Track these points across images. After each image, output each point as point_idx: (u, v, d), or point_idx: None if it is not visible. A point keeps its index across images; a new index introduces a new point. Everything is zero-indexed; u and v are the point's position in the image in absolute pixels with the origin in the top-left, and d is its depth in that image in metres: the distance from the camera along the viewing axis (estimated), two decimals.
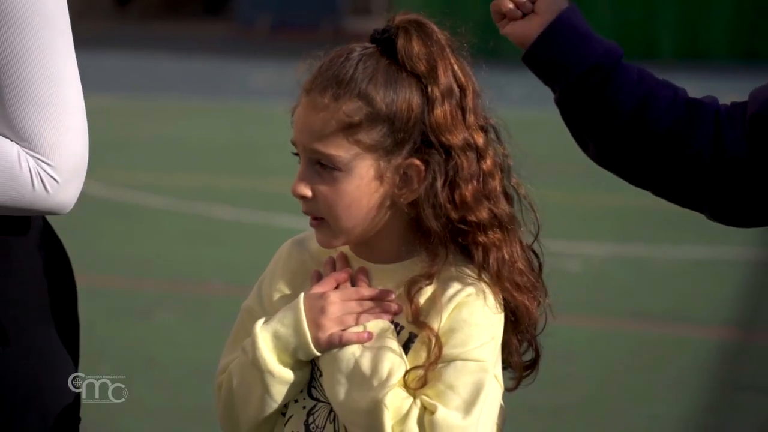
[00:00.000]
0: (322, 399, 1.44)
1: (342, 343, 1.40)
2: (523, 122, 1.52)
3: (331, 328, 1.40)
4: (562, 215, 6.24)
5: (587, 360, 4.25)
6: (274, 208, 7.08)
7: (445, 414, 1.36)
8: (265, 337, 1.41)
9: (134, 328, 4.76)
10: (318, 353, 1.41)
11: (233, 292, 5.25)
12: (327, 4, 21.60)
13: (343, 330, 1.41)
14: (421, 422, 1.36)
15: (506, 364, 1.47)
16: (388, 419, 1.36)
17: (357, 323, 1.41)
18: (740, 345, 4.73)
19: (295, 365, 1.42)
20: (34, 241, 1.58)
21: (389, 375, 1.37)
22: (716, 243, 6.15)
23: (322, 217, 1.43)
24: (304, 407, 1.45)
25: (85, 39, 1.65)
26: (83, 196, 1.70)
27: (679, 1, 16.63)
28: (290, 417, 1.46)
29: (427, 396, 1.38)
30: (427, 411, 1.37)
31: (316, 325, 1.41)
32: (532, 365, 1.48)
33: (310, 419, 1.45)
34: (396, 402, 1.37)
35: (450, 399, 1.37)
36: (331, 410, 1.43)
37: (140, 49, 18.74)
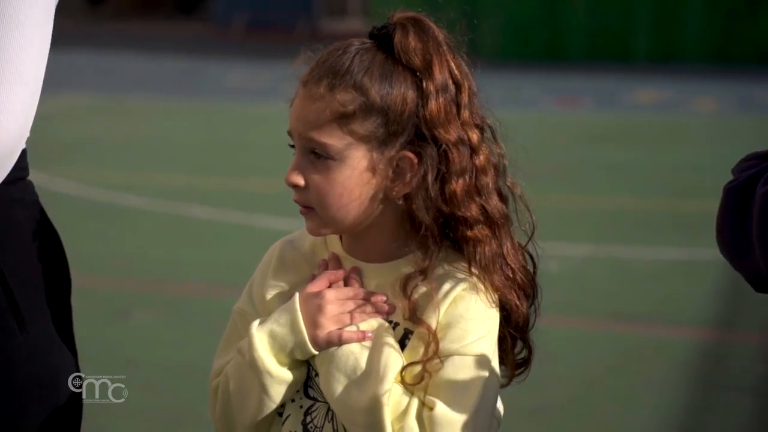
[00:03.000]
0: (320, 398, 1.44)
1: (342, 342, 1.40)
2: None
3: (328, 326, 1.40)
4: (539, 216, 6.25)
5: (567, 361, 4.26)
6: (251, 207, 7.07)
7: (444, 409, 1.36)
8: (261, 338, 1.41)
9: (113, 329, 4.72)
10: (315, 352, 1.41)
11: (213, 292, 5.24)
12: (303, 4, 21.58)
13: (340, 329, 1.40)
14: (420, 418, 1.36)
15: (500, 361, 1.46)
16: (388, 416, 1.36)
17: (353, 322, 1.41)
18: (719, 345, 4.76)
19: (293, 365, 1.42)
20: (41, 229, 1.59)
21: (387, 372, 1.37)
22: (693, 244, 6.19)
23: (312, 207, 1.43)
24: (301, 407, 1.45)
25: (57, 38, 1.66)
26: (59, 196, 1.69)
27: (653, 4, 16.74)
28: (287, 417, 1.46)
29: (425, 392, 1.37)
30: (425, 407, 1.37)
31: (313, 323, 1.40)
32: (525, 363, 1.49)
33: (308, 418, 1.44)
34: (394, 398, 1.37)
35: (448, 394, 1.37)
36: (329, 409, 1.43)
37: (113, 48, 18.64)
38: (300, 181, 1.41)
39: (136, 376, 4.17)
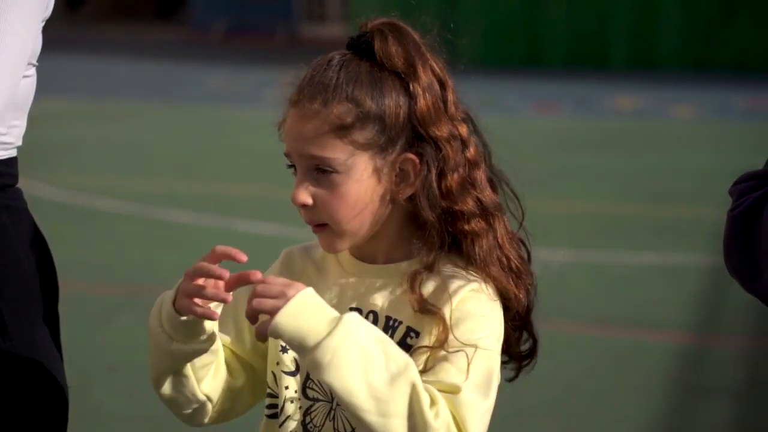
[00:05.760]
0: (320, 398, 1.45)
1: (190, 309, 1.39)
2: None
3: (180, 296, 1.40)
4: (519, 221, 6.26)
5: (548, 364, 4.25)
6: (230, 211, 7.06)
7: (468, 394, 1.35)
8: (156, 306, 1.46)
9: (94, 334, 4.71)
10: (175, 311, 1.41)
11: None
12: (282, 9, 21.58)
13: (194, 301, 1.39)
14: (449, 402, 1.34)
15: (507, 355, 1.48)
16: (426, 401, 1.32)
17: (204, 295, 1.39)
18: (698, 349, 4.80)
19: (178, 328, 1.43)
20: (30, 237, 1.58)
21: (406, 359, 1.34)
22: (671, 249, 6.23)
23: (324, 223, 1.44)
24: (300, 407, 1.46)
25: None
26: (38, 200, 1.69)
27: (631, 11, 16.83)
28: (287, 418, 1.46)
29: (442, 380, 1.36)
30: (448, 393, 1.35)
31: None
32: (531, 353, 1.50)
33: (307, 419, 1.45)
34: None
35: (467, 382, 1.36)
36: (330, 409, 1.44)
37: (92, 52, 18.57)
38: (308, 199, 1.42)
39: (118, 381, 4.16)
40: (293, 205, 1.45)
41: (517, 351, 1.49)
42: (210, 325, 1.43)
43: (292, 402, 1.46)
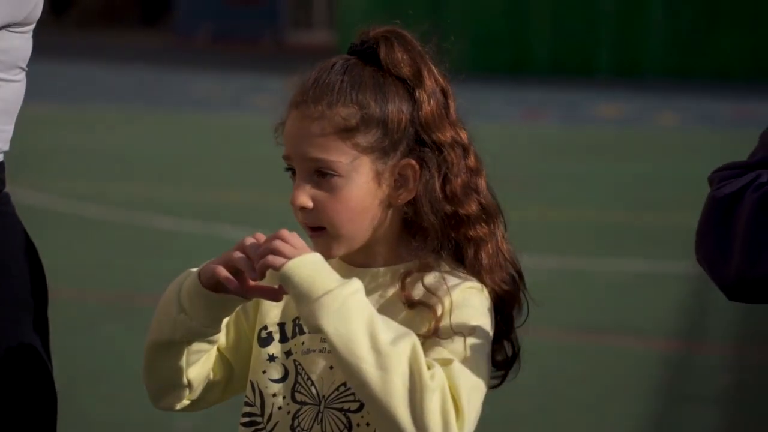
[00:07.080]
0: (308, 401, 1.45)
1: (216, 273, 1.40)
2: None
3: (212, 263, 1.41)
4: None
5: (533, 371, 4.26)
6: (216, 218, 7.06)
7: (459, 365, 1.36)
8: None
9: (78, 340, 4.69)
10: (199, 283, 1.42)
11: None
12: (268, 16, 21.60)
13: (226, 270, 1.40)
14: (443, 370, 1.35)
15: (493, 363, 1.48)
16: (425, 363, 1.34)
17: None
18: (683, 356, 4.82)
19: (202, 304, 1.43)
20: (19, 242, 1.59)
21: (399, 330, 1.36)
22: (657, 257, 6.26)
23: (321, 227, 1.44)
24: (289, 412, 1.46)
25: None
26: (21, 206, 1.69)
27: (616, 19, 16.92)
28: (276, 423, 1.46)
29: (435, 357, 1.37)
30: (440, 364, 1.37)
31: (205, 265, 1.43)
32: (513, 360, 1.51)
33: (295, 422, 1.45)
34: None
35: (458, 360, 1.37)
36: (318, 412, 1.44)
37: (77, 57, 18.54)
38: (308, 202, 1.42)
39: (102, 388, 4.15)
40: (279, 213, 1.44)
41: (503, 359, 1.49)
42: (223, 312, 1.44)
43: (280, 409, 1.46)
